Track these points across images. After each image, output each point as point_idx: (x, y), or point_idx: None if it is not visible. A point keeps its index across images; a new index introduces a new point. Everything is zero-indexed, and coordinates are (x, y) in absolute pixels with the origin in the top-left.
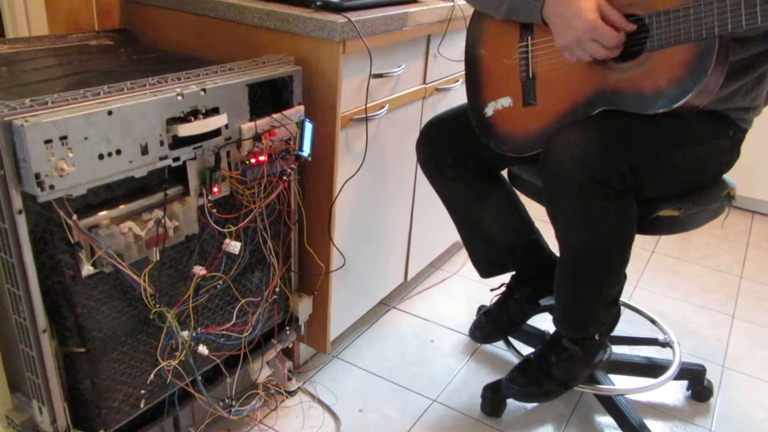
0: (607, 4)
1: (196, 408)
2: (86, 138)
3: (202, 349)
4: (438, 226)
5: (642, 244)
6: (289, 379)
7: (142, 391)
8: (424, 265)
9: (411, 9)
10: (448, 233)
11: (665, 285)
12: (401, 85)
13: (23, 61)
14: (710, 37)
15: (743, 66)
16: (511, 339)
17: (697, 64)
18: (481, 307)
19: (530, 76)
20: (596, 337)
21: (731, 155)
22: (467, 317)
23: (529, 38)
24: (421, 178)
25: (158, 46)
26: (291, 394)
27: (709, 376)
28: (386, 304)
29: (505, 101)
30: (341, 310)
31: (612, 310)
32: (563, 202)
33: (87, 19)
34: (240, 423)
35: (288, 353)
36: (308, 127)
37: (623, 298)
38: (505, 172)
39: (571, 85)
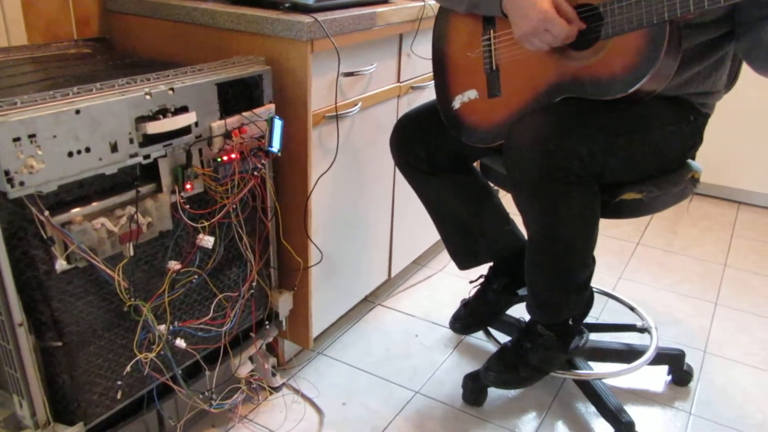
0: None
1: (179, 402)
2: (55, 136)
3: (180, 343)
4: (420, 224)
5: (628, 237)
6: (273, 375)
7: (119, 383)
8: (408, 262)
9: (380, 9)
10: (432, 231)
11: (650, 275)
12: (374, 84)
13: (0, 69)
14: (660, 22)
15: (699, 51)
16: (490, 329)
17: (649, 49)
18: (463, 301)
19: (494, 68)
20: (570, 323)
21: (694, 139)
22: (452, 312)
23: (492, 31)
24: (401, 175)
25: (136, 53)
26: (275, 390)
27: (690, 361)
28: (371, 301)
29: (471, 94)
30: (324, 307)
31: (582, 294)
32: (525, 188)
33: (66, 29)
34: (224, 419)
35: (272, 350)
36: (277, 123)
37: (605, 288)
38: (477, 165)
39: (533, 75)
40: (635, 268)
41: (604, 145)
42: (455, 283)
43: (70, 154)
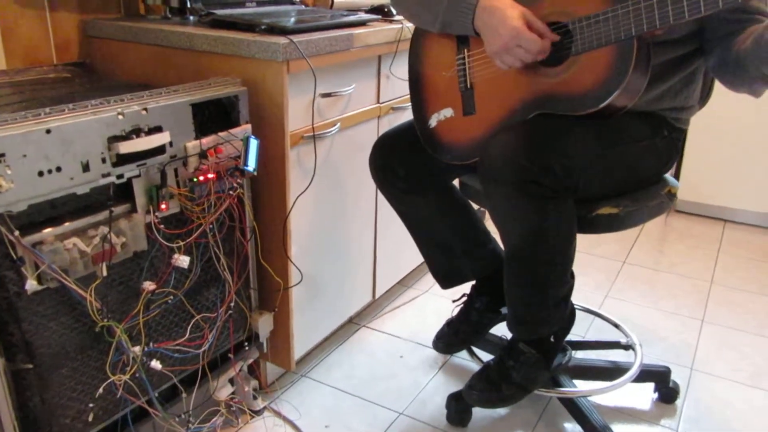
0: (532, 14)
1: (157, 427)
2: (24, 155)
3: (155, 364)
4: (404, 245)
5: (614, 255)
6: (255, 398)
7: (90, 405)
8: (393, 283)
9: (357, 31)
10: (416, 252)
11: (636, 293)
12: (353, 104)
13: None
14: (628, 38)
15: (669, 67)
16: (474, 348)
17: (618, 64)
18: (447, 320)
19: (468, 86)
20: (551, 339)
21: (669, 154)
22: None
23: (466, 50)
24: (384, 197)
25: (116, 77)
26: (257, 413)
27: (677, 379)
28: (356, 323)
29: (447, 112)
30: (306, 328)
31: (563, 309)
32: (500, 203)
33: (45, 54)
34: None
35: (253, 372)
36: (253, 143)
37: (590, 306)
38: (457, 183)
39: (507, 93)
40: (622, 287)
41: (578, 160)
42: (441, 304)
43: (41, 174)
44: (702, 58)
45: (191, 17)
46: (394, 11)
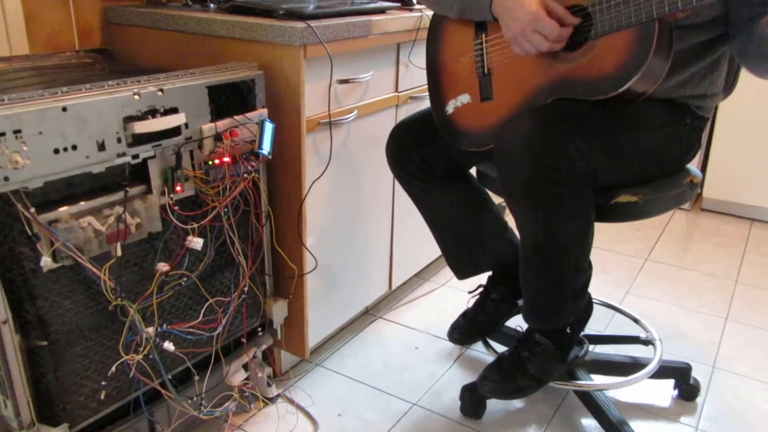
0: None
1: (170, 409)
2: (41, 132)
3: (168, 346)
4: (422, 237)
5: (636, 253)
6: (269, 385)
7: (103, 383)
8: (410, 275)
9: (375, 18)
10: (434, 244)
11: (658, 290)
12: (371, 92)
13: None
14: (649, 20)
15: (693, 53)
16: (489, 340)
17: (638, 47)
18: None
19: (486, 72)
20: (568, 331)
21: (691, 143)
22: None
23: (483, 36)
24: (401, 186)
25: (137, 63)
26: (271, 400)
27: (699, 376)
28: (373, 314)
29: (464, 98)
30: (321, 316)
31: (579, 300)
32: (516, 190)
33: (68, 41)
34: (215, 427)
35: (268, 359)
36: (268, 126)
37: (611, 301)
38: (474, 172)
39: (524, 78)
40: (643, 283)
41: (596, 146)
42: (459, 297)
43: (56, 151)
44: (727, 45)
45: (212, 5)
46: (414, 0)
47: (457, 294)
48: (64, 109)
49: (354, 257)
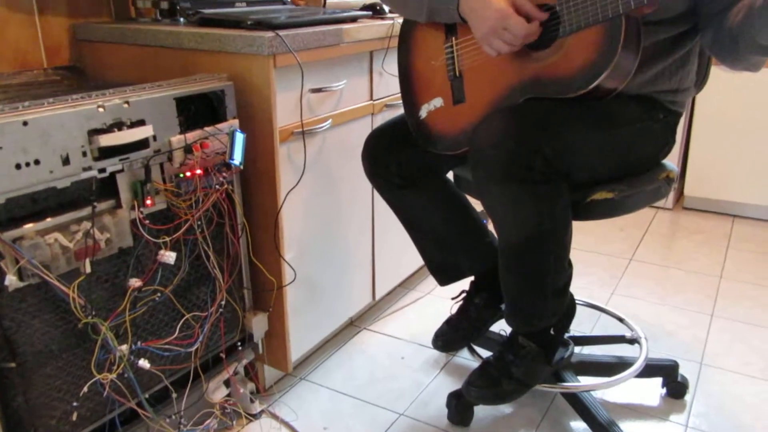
0: None
1: (150, 429)
2: (0, 148)
3: (143, 363)
4: (405, 246)
5: (620, 253)
6: (252, 401)
7: (74, 404)
8: (393, 285)
9: (346, 26)
10: (417, 254)
11: (643, 290)
12: (345, 101)
13: None
14: (615, 16)
15: (663, 48)
16: (474, 346)
17: (606, 44)
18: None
19: (457, 74)
20: (551, 332)
21: (665, 138)
22: None
23: (454, 38)
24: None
25: (107, 79)
26: (255, 417)
27: (687, 373)
28: (357, 325)
29: (437, 102)
30: (303, 329)
31: (560, 300)
32: (491, 190)
33: (35, 59)
34: None
35: (250, 375)
36: (239, 137)
37: (596, 302)
38: (452, 176)
39: (496, 79)
40: (628, 284)
41: (569, 144)
42: (444, 306)
43: (18, 167)
44: (696, 39)
45: (181, 19)
46: (386, 9)
47: (442, 302)
48: (25, 123)
49: (335, 268)
